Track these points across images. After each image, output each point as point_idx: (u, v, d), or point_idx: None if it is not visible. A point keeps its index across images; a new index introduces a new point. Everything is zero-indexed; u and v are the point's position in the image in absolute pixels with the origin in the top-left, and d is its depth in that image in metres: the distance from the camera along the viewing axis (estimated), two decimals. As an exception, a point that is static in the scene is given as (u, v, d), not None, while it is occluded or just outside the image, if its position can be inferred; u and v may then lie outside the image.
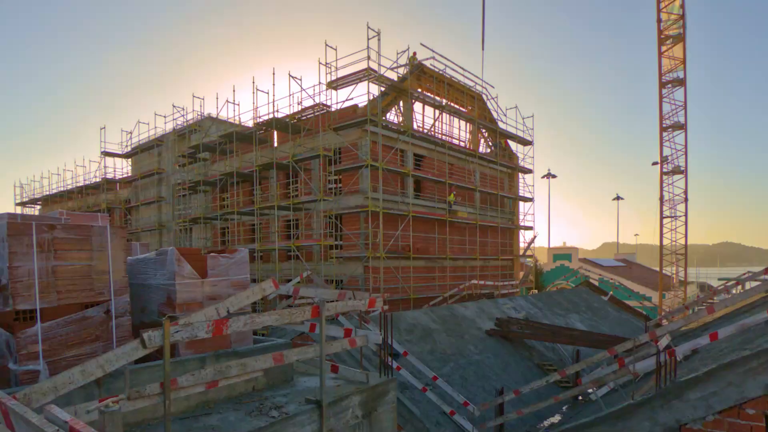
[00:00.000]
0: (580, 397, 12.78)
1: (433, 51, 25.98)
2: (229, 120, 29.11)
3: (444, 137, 27.65)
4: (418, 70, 25.69)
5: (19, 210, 45.65)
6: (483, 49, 29.37)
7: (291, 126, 24.04)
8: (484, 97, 30.32)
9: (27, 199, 45.41)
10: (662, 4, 32.67)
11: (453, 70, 27.42)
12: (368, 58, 21.36)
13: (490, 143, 32.50)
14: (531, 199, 34.08)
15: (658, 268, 35.59)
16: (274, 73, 24.54)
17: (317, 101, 23.49)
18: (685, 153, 32.80)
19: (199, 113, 31.75)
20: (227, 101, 27.77)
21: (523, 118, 32.62)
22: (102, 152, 36.52)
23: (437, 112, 27.86)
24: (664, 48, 32.71)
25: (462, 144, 29.49)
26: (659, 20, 32.77)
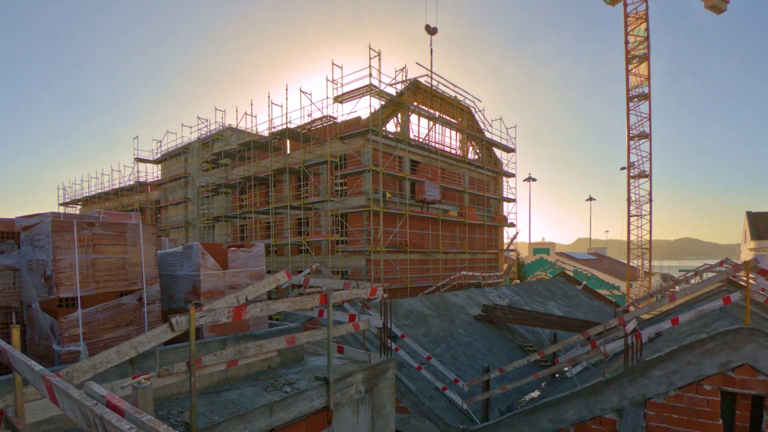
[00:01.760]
0: (557, 375, 12.79)
1: (428, 69, 25.98)
2: (247, 130, 29.12)
3: (437, 145, 27.65)
4: (414, 86, 25.69)
5: (62, 209, 45.65)
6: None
7: (302, 135, 24.03)
8: (472, 110, 30.31)
9: (69, 200, 45.40)
10: (629, 28, 32.68)
11: (445, 86, 27.43)
12: (370, 75, 21.37)
13: (478, 150, 32.49)
14: (513, 200, 34.10)
15: (625, 261, 35.62)
16: (287, 89, 24.55)
17: (325, 113, 23.49)
18: (650, 159, 32.83)
19: (221, 124, 31.74)
20: (246, 113, 27.77)
21: (506, 129, 32.61)
22: (135, 158, 36.53)
23: (431, 123, 27.86)
24: (631, 66, 32.72)
25: (453, 151, 29.50)
26: (626, 42, 32.77)
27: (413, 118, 26.72)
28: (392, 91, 24.00)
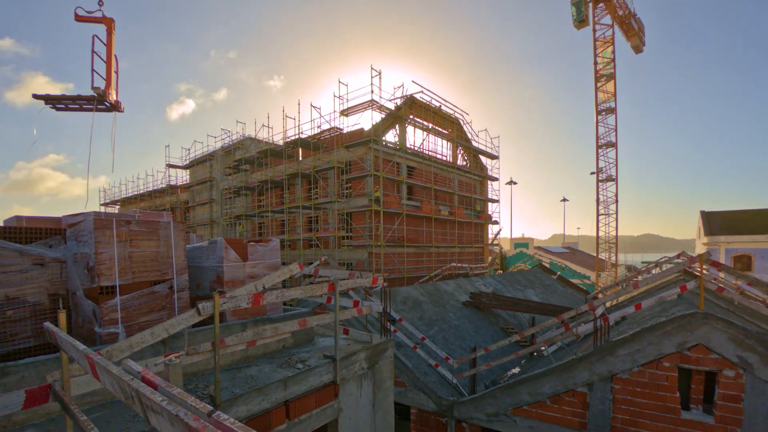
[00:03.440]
0: (535, 354, 12.79)
1: (422, 87, 25.93)
2: (265, 140, 29.10)
3: (430, 153, 27.61)
4: (410, 101, 25.65)
5: (102, 209, 45.64)
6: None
7: (312, 144, 24.01)
8: (461, 121, 30.28)
9: (109, 201, 45.42)
10: (598, 51, 32.63)
11: (437, 101, 27.39)
12: (372, 92, 21.34)
13: (466, 157, 32.46)
14: (497, 201, 34.05)
15: (595, 254, 35.60)
16: (299, 104, 24.54)
17: (332, 125, 23.48)
18: (616, 165, 32.82)
19: (241, 134, 31.73)
20: (263, 125, 27.73)
21: (491, 138, 32.57)
22: (166, 164, 36.53)
23: (425, 133, 27.82)
24: (599, 84, 32.69)
25: (444, 158, 29.46)
26: (595, 63, 32.73)
27: (409, 129, 26.70)
28: (391, 105, 24.00)
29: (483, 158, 33.77)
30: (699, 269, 6.74)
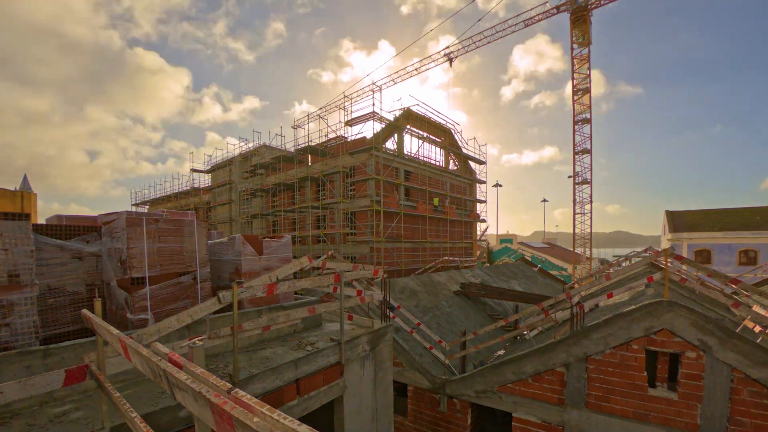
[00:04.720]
0: (518, 337, 12.79)
1: (417, 100, 25.94)
2: (278, 147, 29.08)
3: (425, 159, 27.61)
4: (407, 113, 25.63)
5: (133, 209, 45.63)
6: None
7: (320, 151, 24.00)
8: (452, 131, 30.25)
9: (139, 201, 45.42)
10: (575, 67, 32.59)
11: (431, 113, 27.37)
12: (373, 104, 21.32)
13: (457, 163, 32.42)
14: (484, 201, 34.03)
15: (572, 249, 35.56)
16: (308, 115, 24.51)
17: (338, 134, 23.48)
18: (591, 169, 32.79)
19: (257, 142, 31.69)
20: (276, 134, 27.74)
21: (479, 146, 32.54)
22: (191, 169, 36.53)
23: (420, 141, 27.81)
24: (576, 97, 32.64)
25: (437, 163, 29.45)
26: (573, 78, 32.68)
27: (407, 137, 26.71)
28: (390, 116, 23.99)
29: (472, 164, 33.75)
30: (664, 262, 6.73)
